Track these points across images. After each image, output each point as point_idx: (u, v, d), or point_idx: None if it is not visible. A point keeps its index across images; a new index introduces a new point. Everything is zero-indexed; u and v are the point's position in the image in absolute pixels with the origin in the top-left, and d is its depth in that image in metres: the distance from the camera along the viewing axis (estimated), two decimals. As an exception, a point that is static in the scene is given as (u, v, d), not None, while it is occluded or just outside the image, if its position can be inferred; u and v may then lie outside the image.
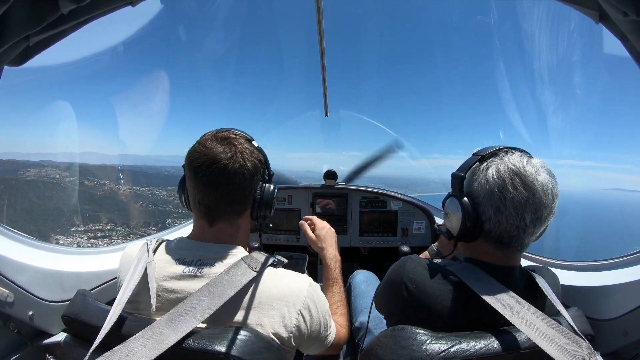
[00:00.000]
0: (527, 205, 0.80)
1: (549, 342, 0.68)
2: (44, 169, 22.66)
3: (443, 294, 0.84)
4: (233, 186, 0.86)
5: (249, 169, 0.87)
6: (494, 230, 0.85)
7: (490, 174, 0.85)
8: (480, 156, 0.91)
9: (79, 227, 18.86)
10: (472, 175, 0.90)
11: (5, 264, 0.96)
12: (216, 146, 0.85)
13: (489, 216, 0.85)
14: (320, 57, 1.34)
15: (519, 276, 0.89)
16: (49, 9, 0.64)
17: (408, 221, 2.55)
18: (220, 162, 0.83)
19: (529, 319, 0.73)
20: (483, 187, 0.86)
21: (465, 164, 0.94)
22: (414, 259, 0.96)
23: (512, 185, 0.81)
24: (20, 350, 1.02)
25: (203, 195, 0.86)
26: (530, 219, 0.81)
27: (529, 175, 0.81)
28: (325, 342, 0.95)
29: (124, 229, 20.74)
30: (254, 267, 0.81)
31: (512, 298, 0.78)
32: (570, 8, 0.81)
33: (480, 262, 0.89)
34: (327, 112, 2.29)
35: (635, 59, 0.76)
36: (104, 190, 23.21)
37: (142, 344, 0.66)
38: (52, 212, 20.58)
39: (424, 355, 0.69)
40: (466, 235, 0.90)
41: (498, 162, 0.86)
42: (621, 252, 1.16)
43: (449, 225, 0.96)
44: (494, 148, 0.92)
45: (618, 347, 0.99)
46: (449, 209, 0.94)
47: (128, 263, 0.85)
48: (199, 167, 0.84)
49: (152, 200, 23.46)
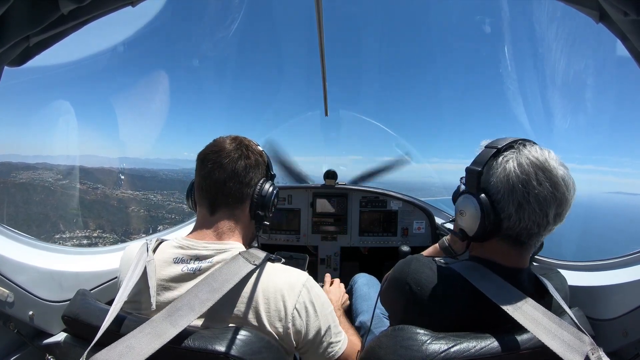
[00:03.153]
0: (552, 200, 0.76)
1: (552, 337, 0.68)
2: (37, 172, 22.28)
3: (448, 297, 0.82)
4: (234, 172, 0.91)
5: (251, 162, 0.95)
6: (512, 228, 0.81)
7: (510, 168, 0.79)
8: (495, 149, 0.84)
9: (64, 233, 18.21)
10: (489, 170, 0.84)
11: (5, 264, 0.96)
12: (225, 140, 0.97)
13: (509, 214, 0.80)
14: (320, 57, 1.35)
15: (526, 278, 0.86)
16: (49, 9, 0.64)
17: (408, 221, 2.55)
18: (226, 150, 0.93)
19: (531, 314, 0.72)
20: (503, 183, 0.80)
21: (481, 158, 0.87)
22: (420, 259, 0.91)
23: (537, 180, 0.76)
24: (20, 350, 1.02)
25: (205, 179, 0.92)
26: (553, 215, 0.78)
27: (552, 169, 0.77)
28: (329, 350, 0.89)
29: (112, 235, 20.16)
30: (252, 261, 0.82)
31: (515, 293, 0.76)
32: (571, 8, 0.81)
33: (488, 261, 0.86)
34: (327, 112, 2.29)
35: (635, 59, 0.76)
36: (95, 194, 22.79)
37: (141, 339, 0.66)
38: (37, 217, 20.04)
39: (424, 355, 0.69)
40: (482, 236, 0.85)
41: (517, 155, 0.81)
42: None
43: (463, 225, 0.89)
44: (507, 140, 0.86)
45: (618, 347, 0.99)
46: (465, 207, 0.87)
47: (128, 263, 0.85)
48: (206, 155, 0.94)
49: (145, 205, 23.09)
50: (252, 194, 0.95)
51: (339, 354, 0.92)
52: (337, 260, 2.63)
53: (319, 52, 1.32)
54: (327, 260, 2.63)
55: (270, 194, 0.97)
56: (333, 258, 2.63)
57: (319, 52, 1.31)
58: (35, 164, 23.67)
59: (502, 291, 0.77)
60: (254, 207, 0.95)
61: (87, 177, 22.89)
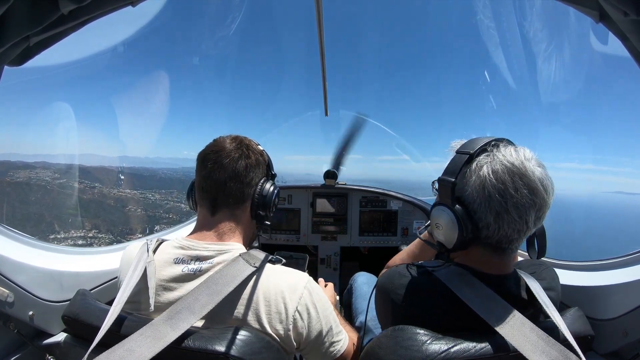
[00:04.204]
0: (531, 207, 0.74)
1: (538, 354, 0.66)
2: (34, 171, 22.13)
3: (433, 308, 0.80)
4: (234, 172, 0.91)
5: (252, 161, 0.94)
6: (492, 237, 0.78)
7: (485, 176, 0.76)
8: (467, 154, 0.80)
9: (59, 234, 18.03)
10: (462, 179, 0.81)
11: (5, 264, 0.96)
12: (225, 140, 0.96)
13: (488, 223, 0.77)
14: (320, 57, 1.35)
15: (513, 284, 0.84)
16: (49, 9, 0.64)
17: (408, 221, 2.55)
18: (226, 150, 0.93)
19: (518, 330, 0.70)
20: (478, 192, 0.77)
21: (453, 166, 0.82)
22: (401, 272, 0.88)
23: (515, 188, 0.73)
24: (20, 350, 1.02)
25: (206, 179, 0.91)
26: (532, 220, 0.76)
27: (530, 173, 0.74)
28: (331, 349, 0.91)
29: (108, 236, 19.95)
30: (252, 263, 0.82)
31: (503, 307, 0.74)
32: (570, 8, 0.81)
33: (472, 269, 0.83)
34: (327, 111, 2.29)
35: (635, 58, 0.75)
36: (92, 193, 22.47)
37: (141, 342, 0.66)
38: (32, 217, 19.81)
39: (424, 355, 0.69)
40: (461, 246, 0.82)
41: (491, 160, 0.77)
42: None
43: (440, 238, 0.86)
44: (479, 142, 0.81)
45: (618, 347, 0.99)
46: (440, 220, 0.83)
47: (128, 263, 0.85)
48: (206, 155, 0.93)
49: (143, 204, 22.83)
50: (253, 194, 0.95)
51: (341, 352, 0.93)
52: (337, 260, 2.63)
53: (319, 52, 1.32)
54: (327, 260, 2.64)
55: (271, 194, 0.97)
56: (333, 258, 2.63)
57: (319, 52, 1.31)
58: (33, 162, 23.43)
59: (489, 304, 0.75)
60: (255, 207, 0.95)
61: (85, 176, 22.64)
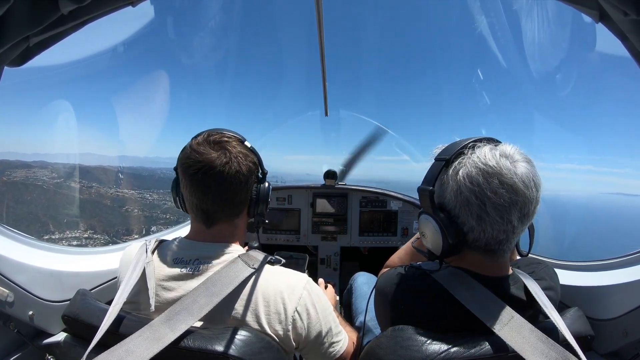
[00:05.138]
0: (513, 206, 0.72)
1: (538, 356, 0.66)
2: (32, 170, 21.93)
3: (431, 310, 0.80)
4: (230, 191, 0.86)
5: (244, 173, 0.87)
6: (479, 239, 0.77)
7: (461, 180, 0.75)
8: (444, 160, 0.80)
9: (54, 234, 17.68)
10: (441, 185, 0.80)
11: (5, 264, 0.96)
12: (210, 152, 0.83)
13: (471, 226, 0.76)
14: (320, 57, 1.35)
15: (511, 284, 0.83)
16: (49, 10, 0.64)
17: (408, 221, 2.55)
18: (216, 168, 0.83)
19: (517, 331, 0.70)
20: (457, 197, 0.76)
21: (430, 174, 0.82)
22: (400, 274, 0.88)
23: (491, 189, 0.71)
24: (20, 350, 1.02)
25: (200, 200, 0.86)
26: (517, 219, 0.73)
27: (506, 172, 0.71)
28: (331, 349, 0.90)
29: (103, 236, 19.58)
30: (251, 264, 0.82)
31: (501, 308, 0.73)
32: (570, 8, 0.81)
33: (469, 272, 0.82)
34: (327, 111, 2.29)
35: (635, 58, 0.76)
36: (89, 193, 22.14)
37: (139, 343, 0.66)
38: (26, 217, 19.51)
39: (424, 355, 0.69)
40: (450, 252, 0.81)
41: (466, 163, 0.76)
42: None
43: (429, 246, 0.85)
44: (457, 146, 0.81)
45: (618, 347, 0.99)
46: (425, 229, 0.83)
47: (128, 263, 0.85)
48: (194, 174, 0.83)
49: (140, 205, 22.53)
50: (250, 197, 0.93)
51: (341, 353, 0.93)
52: (337, 260, 2.63)
53: (319, 52, 1.32)
54: (327, 260, 2.64)
55: (266, 195, 0.95)
56: (333, 258, 2.63)
57: (319, 52, 1.31)
58: (32, 162, 23.25)
59: (487, 306, 0.75)
60: (252, 207, 0.95)
61: (83, 176, 22.43)
